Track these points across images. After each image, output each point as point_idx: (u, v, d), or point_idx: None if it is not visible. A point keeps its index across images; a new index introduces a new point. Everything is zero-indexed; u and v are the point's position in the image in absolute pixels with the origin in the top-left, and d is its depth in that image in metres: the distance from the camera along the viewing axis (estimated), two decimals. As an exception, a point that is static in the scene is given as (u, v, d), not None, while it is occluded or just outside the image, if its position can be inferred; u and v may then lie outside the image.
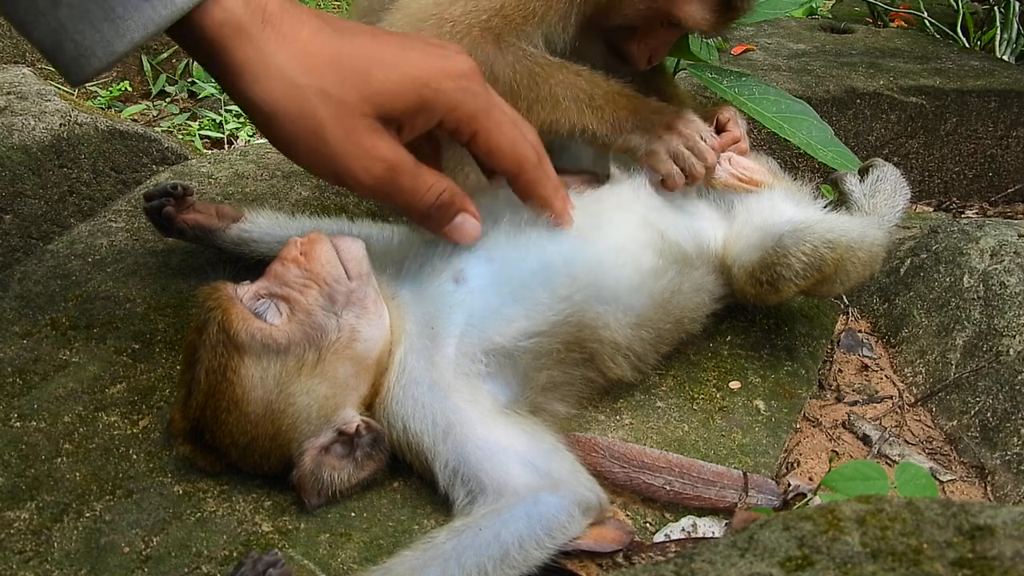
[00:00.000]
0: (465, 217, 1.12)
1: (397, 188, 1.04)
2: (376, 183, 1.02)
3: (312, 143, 0.98)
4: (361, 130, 0.99)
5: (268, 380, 1.02)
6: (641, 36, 1.40)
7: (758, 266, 1.28)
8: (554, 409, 1.18)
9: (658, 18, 1.35)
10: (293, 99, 0.96)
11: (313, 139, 0.98)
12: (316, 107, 0.96)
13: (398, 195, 1.05)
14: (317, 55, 0.97)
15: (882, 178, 1.54)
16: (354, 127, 0.99)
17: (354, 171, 1.00)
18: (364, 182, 1.01)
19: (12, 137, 1.89)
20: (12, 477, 1.11)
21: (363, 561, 1.02)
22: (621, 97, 1.32)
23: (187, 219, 1.44)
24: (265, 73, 0.95)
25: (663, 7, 1.33)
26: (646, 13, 1.34)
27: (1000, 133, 2.62)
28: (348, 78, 0.98)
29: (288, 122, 0.97)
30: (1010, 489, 1.26)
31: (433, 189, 1.07)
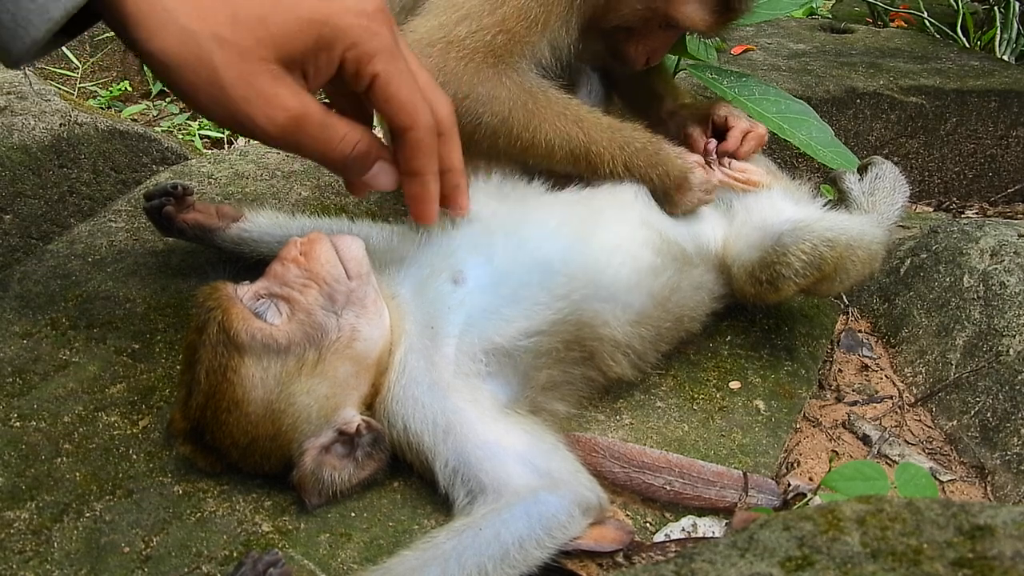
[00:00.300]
0: (382, 165, 1.06)
1: (305, 137, 0.99)
2: (280, 132, 0.97)
3: (211, 91, 0.94)
4: (261, 75, 0.95)
5: (268, 380, 1.02)
6: (639, 37, 1.40)
7: (758, 265, 1.28)
8: (554, 408, 1.18)
9: (656, 19, 1.35)
10: (187, 46, 0.92)
11: (211, 87, 0.94)
12: (211, 53, 0.93)
13: (307, 145, 1.00)
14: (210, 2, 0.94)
15: (881, 176, 1.54)
16: (253, 72, 0.94)
17: (256, 119, 0.96)
18: (268, 130, 0.97)
19: (12, 137, 1.89)
20: (12, 477, 1.11)
21: (363, 561, 1.02)
22: (621, 152, 1.30)
23: (187, 219, 1.44)
24: (157, 22, 0.92)
25: (661, 8, 1.33)
26: (643, 14, 1.34)
27: (1000, 133, 2.62)
28: (243, 22, 0.94)
29: (186, 71, 0.93)
30: (1010, 489, 1.26)
31: (347, 139, 1.02)
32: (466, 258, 1.17)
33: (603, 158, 1.29)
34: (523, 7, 1.25)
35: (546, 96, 1.28)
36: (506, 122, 1.25)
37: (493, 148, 1.29)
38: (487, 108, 1.24)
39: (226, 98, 0.94)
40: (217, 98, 0.94)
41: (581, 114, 1.30)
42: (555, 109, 1.28)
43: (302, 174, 1.84)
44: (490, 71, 1.25)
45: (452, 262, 1.17)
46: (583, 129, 1.28)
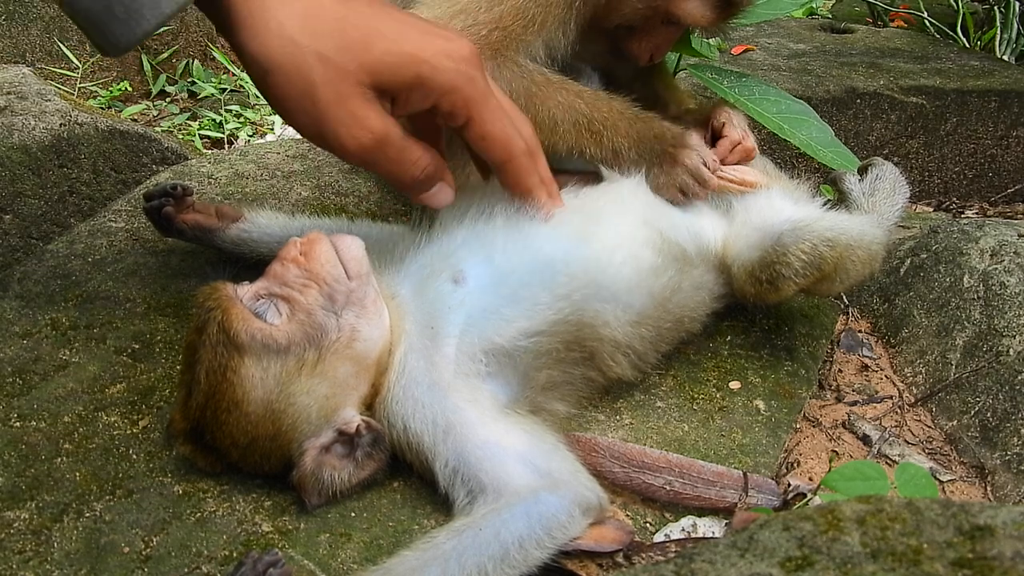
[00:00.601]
0: (442, 186, 1.14)
1: (382, 158, 1.05)
2: (361, 151, 1.02)
3: (303, 103, 0.99)
4: (354, 97, 1.00)
5: (268, 380, 1.02)
6: (641, 35, 1.40)
7: (758, 265, 1.28)
8: (554, 408, 1.18)
9: (657, 16, 1.35)
10: (290, 57, 0.97)
11: (305, 99, 0.99)
12: (312, 68, 0.97)
13: (382, 165, 1.06)
14: (319, 18, 0.99)
15: (881, 176, 1.54)
16: (347, 94, 0.99)
17: (341, 137, 1.01)
18: (349, 148, 1.02)
19: (12, 137, 1.89)
20: (12, 477, 1.11)
21: (363, 561, 1.02)
22: (622, 121, 1.32)
23: (187, 219, 1.44)
24: (265, 28, 0.96)
25: (662, 5, 1.33)
26: (645, 12, 1.34)
27: (1000, 133, 2.62)
28: (348, 45, 0.99)
29: (283, 79, 0.98)
30: (1010, 489, 1.26)
31: (419, 163, 1.08)
32: (466, 258, 1.17)
33: (606, 124, 1.30)
34: (520, 7, 1.26)
35: (545, 77, 1.30)
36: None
37: None
38: None
39: (317, 112, 0.99)
40: (308, 111, 0.99)
41: (580, 89, 1.32)
42: (555, 86, 1.30)
43: (302, 174, 1.84)
44: (488, 63, 1.25)
45: (452, 262, 1.17)
46: (584, 101, 1.30)
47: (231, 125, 3.12)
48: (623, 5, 1.34)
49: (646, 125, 1.34)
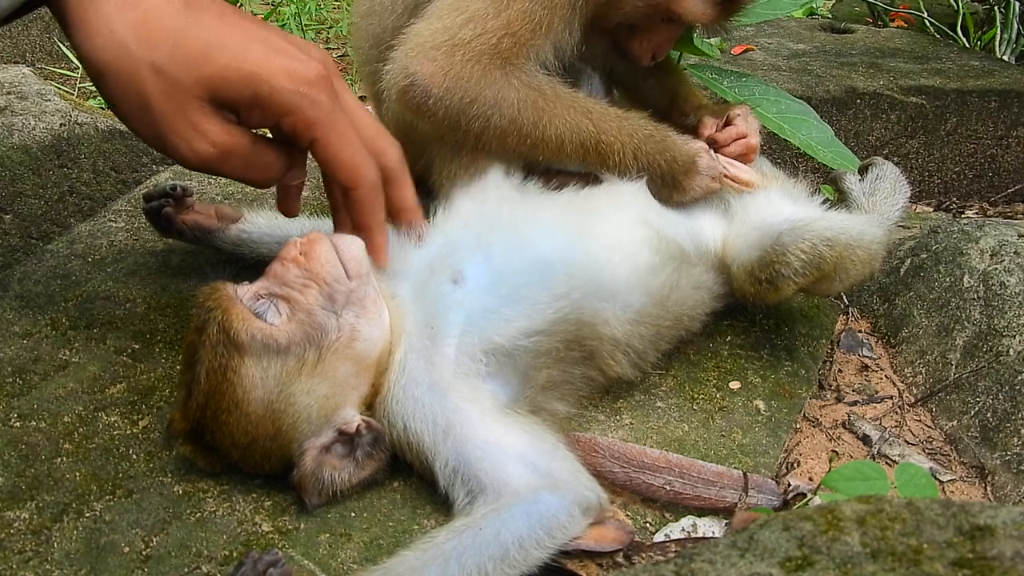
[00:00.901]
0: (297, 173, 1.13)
1: (227, 168, 1.03)
2: (200, 162, 1.01)
3: (138, 111, 0.97)
4: (191, 110, 0.97)
5: (268, 380, 1.02)
6: (642, 33, 1.40)
7: (757, 264, 1.28)
8: (554, 408, 1.18)
9: (658, 14, 1.35)
10: (124, 64, 0.94)
11: (139, 107, 0.96)
12: (145, 78, 0.95)
13: (229, 173, 1.05)
14: (156, 27, 0.95)
15: (881, 176, 1.54)
16: (183, 105, 0.97)
17: (179, 147, 0.99)
18: (188, 159, 1.00)
19: (12, 137, 1.89)
20: (12, 477, 1.11)
21: (363, 561, 1.02)
22: (631, 142, 1.30)
23: (186, 220, 1.44)
24: (98, 32, 0.94)
25: (662, 3, 1.32)
26: (645, 10, 1.34)
27: (1000, 133, 2.62)
28: (185, 57, 0.96)
29: (117, 85, 0.95)
30: (1010, 489, 1.26)
31: (272, 166, 1.06)
32: (465, 258, 1.17)
33: (613, 147, 1.29)
34: (527, 10, 1.25)
35: (554, 91, 1.29)
36: (515, 122, 1.26)
37: (502, 147, 1.29)
38: (495, 110, 1.24)
39: (153, 121, 0.97)
40: (143, 119, 0.97)
41: (589, 106, 1.30)
42: (564, 103, 1.28)
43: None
44: (497, 72, 1.24)
45: (451, 262, 1.17)
46: (592, 120, 1.29)
47: (231, 125, 3.11)
48: (623, 3, 1.33)
49: (657, 147, 1.32)
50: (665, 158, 1.32)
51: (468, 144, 1.27)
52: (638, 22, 1.37)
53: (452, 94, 1.23)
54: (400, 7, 1.40)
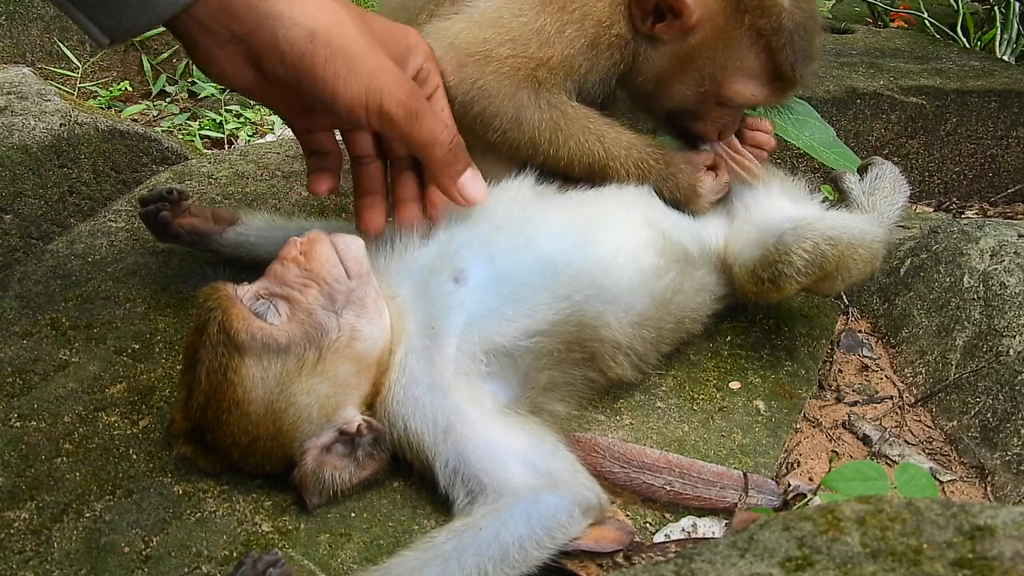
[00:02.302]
0: (476, 174, 1.14)
1: (424, 111, 1.07)
2: (408, 98, 1.04)
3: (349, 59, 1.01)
4: (387, 58, 1.05)
5: (269, 380, 1.02)
6: (702, 116, 1.38)
7: (759, 264, 1.27)
8: (554, 409, 1.18)
9: (710, 99, 1.34)
10: (334, 18, 1.01)
11: (350, 55, 1.01)
12: (353, 28, 1.02)
13: (424, 119, 1.07)
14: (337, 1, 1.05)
15: (881, 176, 1.54)
16: (382, 54, 1.05)
17: (388, 86, 1.03)
18: (397, 96, 1.03)
19: (12, 137, 1.89)
20: (12, 477, 1.11)
21: (363, 561, 1.02)
22: (635, 169, 1.31)
23: (183, 223, 1.44)
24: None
25: (711, 91, 1.31)
26: (697, 97, 1.33)
27: (1000, 133, 2.62)
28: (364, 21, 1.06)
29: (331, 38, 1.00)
30: (1010, 489, 1.26)
31: (451, 127, 1.11)
32: (467, 257, 1.17)
33: (619, 174, 1.31)
34: (570, 57, 1.26)
35: (574, 110, 1.29)
36: (532, 140, 1.27)
37: (513, 157, 1.30)
38: (515, 126, 1.26)
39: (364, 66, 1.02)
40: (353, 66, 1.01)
41: (603, 129, 1.31)
42: (580, 124, 1.29)
43: (302, 174, 1.84)
44: (525, 93, 1.25)
45: (453, 261, 1.17)
46: (603, 145, 1.30)
47: (231, 125, 3.11)
48: (673, 93, 1.33)
49: (661, 175, 1.33)
50: (668, 186, 1.34)
51: (479, 147, 1.27)
52: (694, 108, 1.36)
53: (475, 104, 1.24)
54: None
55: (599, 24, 1.27)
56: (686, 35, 1.28)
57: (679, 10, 1.25)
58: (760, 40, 1.27)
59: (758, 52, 1.28)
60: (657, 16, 1.28)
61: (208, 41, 1.00)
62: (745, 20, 1.26)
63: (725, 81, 1.30)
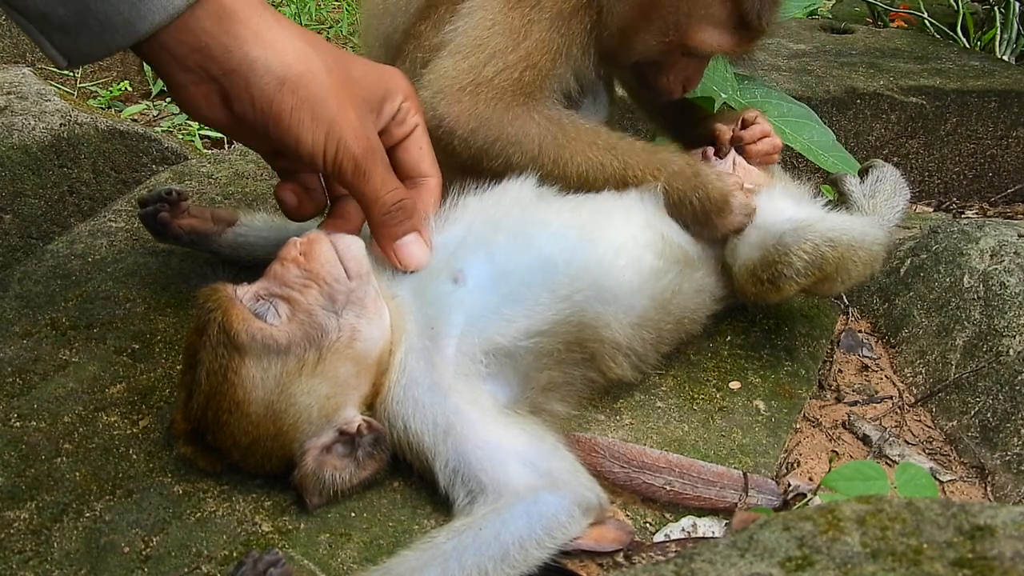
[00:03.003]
0: (417, 238, 1.15)
1: (374, 168, 1.08)
2: (362, 152, 1.06)
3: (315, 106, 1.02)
4: (355, 106, 1.06)
5: (269, 380, 1.02)
6: (667, 69, 1.36)
7: (759, 264, 1.27)
8: (554, 409, 1.18)
9: (676, 50, 1.32)
10: (304, 63, 1.02)
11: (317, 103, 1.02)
12: (323, 74, 1.03)
13: (371, 176, 1.08)
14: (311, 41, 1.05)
15: (882, 179, 1.54)
16: (350, 102, 1.05)
17: (346, 138, 1.04)
18: (353, 150, 1.05)
19: (12, 137, 1.89)
20: (12, 477, 1.11)
21: (363, 561, 1.02)
22: (659, 173, 1.28)
23: (182, 224, 1.44)
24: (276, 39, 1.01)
25: (676, 40, 1.29)
26: (662, 47, 1.31)
27: (1000, 133, 2.62)
28: (338, 63, 1.06)
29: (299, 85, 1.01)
30: (1010, 489, 1.27)
31: (399, 190, 1.12)
32: (466, 257, 1.17)
33: (642, 182, 1.28)
34: (545, 39, 1.25)
35: (575, 127, 1.28)
36: (536, 160, 1.26)
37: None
38: (516, 148, 1.25)
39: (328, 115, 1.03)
40: (319, 114, 1.03)
41: (613, 141, 1.29)
42: (586, 139, 1.28)
43: (302, 174, 1.84)
44: (519, 109, 1.25)
45: (452, 261, 1.17)
46: (617, 156, 1.28)
47: (231, 125, 3.11)
48: (637, 44, 1.31)
49: (688, 183, 1.29)
50: (698, 195, 1.29)
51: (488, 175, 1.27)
52: (658, 59, 1.34)
53: (476, 134, 1.24)
54: (412, 8, 1.40)
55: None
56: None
57: None
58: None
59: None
60: None
61: (184, 79, 1.01)
62: None
63: (690, 30, 1.28)
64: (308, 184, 1.18)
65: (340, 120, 1.03)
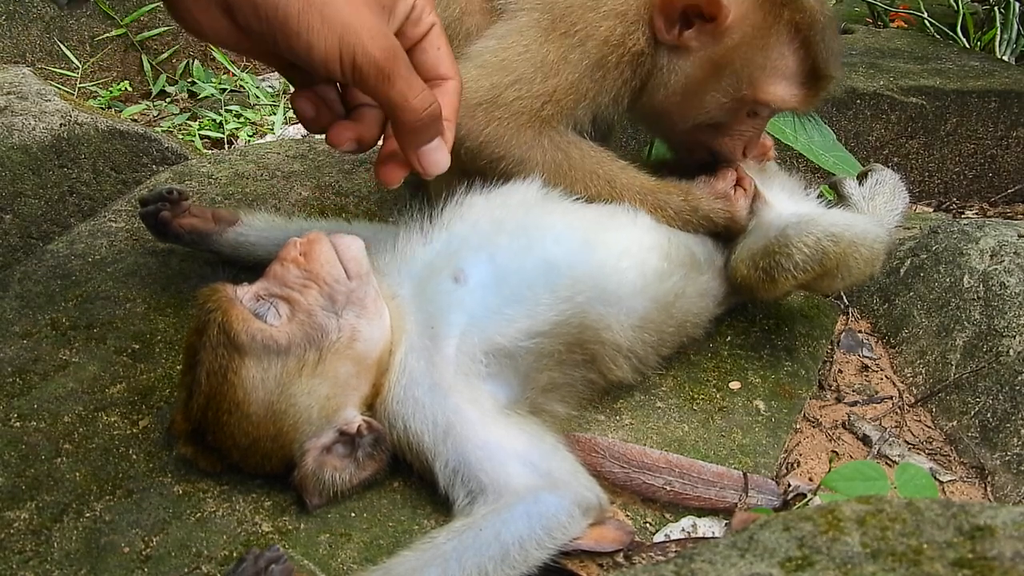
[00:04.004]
0: (441, 144, 1.07)
1: (397, 72, 1.00)
2: (383, 55, 0.98)
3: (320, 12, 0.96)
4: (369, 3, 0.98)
5: (269, 381, 1.02)
6: (728, 129, 1.34)
7: (759, 253, 1.27)
8: (554, 410, 1.18)
9: (743, 108, 1.30)
10: None
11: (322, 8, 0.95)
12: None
13: (396, 80, 1.00)
14: None
15: (881, 182, 1.54)
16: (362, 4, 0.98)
17: (364, 43, 0.97)
18: (372, 54, 0.98)
19: (12, 137, 1.89)
20: (12, 477, 1.11)
21: (363, 561, 1.02)
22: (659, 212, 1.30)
23: (183, 224, 1.44)
24: None
25: (748, 96, 1.27)
26: (730, 105, 1.29)
27: (1000, 133, 2.62)
28: None
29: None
30: (1010, 489, 1.26)
31: (426, 94, 1.03)
32: (469, 257, 1.17)
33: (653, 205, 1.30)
34: (576, 82, 1.25)
35: (580, 155, 1.28)
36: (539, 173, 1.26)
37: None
38: (520, 168, 1.26)
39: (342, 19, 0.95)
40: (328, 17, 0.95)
41: (614, 173, 1.29)
42: (588, 168, 1.28)
43: (302, 174, 1.84)
44: (529, 132, 1.25)
45: (453, 261, 1.17)
46: (615, 191, 1.28)
47: (231, 125, 3.11)
48: (704, 102, 1.28)
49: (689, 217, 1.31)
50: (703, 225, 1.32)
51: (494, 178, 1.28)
52: (722, 120, 1.32)
53: (484, 149, 1.25)
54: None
55: (605, 43, 1.24)
56: (718, 39, 1.24)
57: (712, 13, 1.21)
58: (798, 36, 1.24)
59: (796, 49, 1.25)
60: (684, 23, 1.24)
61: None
62: (784, 15, 1.22)
63: (762, 83, 1.25)
64: (325, 94, 1.10)
65: (354, 22, 0.96)
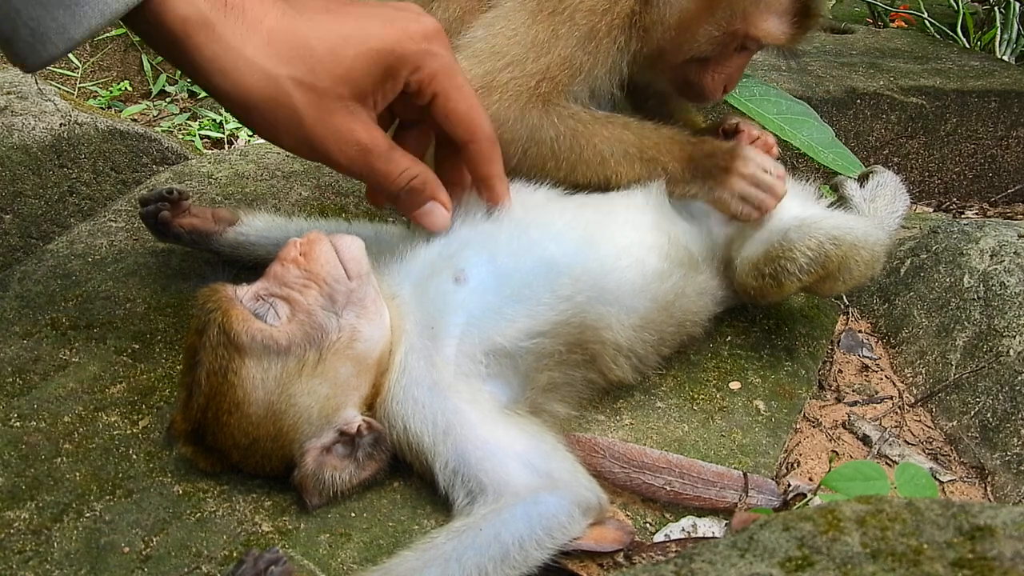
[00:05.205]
0: (435, 205, 1.15)
1: (370, 169, 1.08)
2: (350, 163, 1.06)
3: (290, 128, 1.01)
4: (337, 113, 1.02)
5: (269, 381, 1.02)
6: (714, 65, 1.36)
7: (762, 259, 1.27)
8: (554, 410, 1.18)
9: (734, 42, 1.32)
10: (268, 89, 0.98)
11: (291, 124, 1.01)
12: (291, 95, 0.99)
13: (371, 175, 1.09)
14: (284, 42, 0.99)
15: (882, 184, 1.55)
16: (330, 111, 1.02)
17: (331, 152, 1.04)
18: (340, 162, 1.05)
19: (12, 137, 1.89)
20: (12, 477, 1.11)
21: (363, 561, 1.02)
22: (674, 145, 1.31)
23: (183, 223, 1.44)
24: (235, 66, 0.96)
25: (740, 29, 1.30)
26: (721, 39, 1.31)
27: (1000, 133, 2.63)
28: (319, 63, 0.99)
29: (266, 111, 0.99)
30: (1010, 489, 1.27)
31: (405, 173, 1.10)
32: (468, 257, 1.17)
33: (659, 151, 1.30)
34: (568, 56, 1.25)
35: (590, 115, 1.29)
36: (553, 151, 1.28)
37: (540, 173, 1.30)
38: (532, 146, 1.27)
39: (305, 134, 1.02)
40: (296, 135, 1.02)
41: (626, 121, 1.31)
42: (600, 122, 1.29)
43: (302, 174, 1.84)
44: (534, 112, 1.26)
45: (454, 261, 1.17)
46: (632, 131, 1.30)
47: (231, 125, 3.11)
48: (698, 35, 1.30)
49: (696, 147, 1.32)
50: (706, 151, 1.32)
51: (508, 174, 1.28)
52: (711, 54, 1.34)
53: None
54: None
55: (592, 12, 1.26)
56: None
57: None
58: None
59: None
60: None
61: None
62: None
63: (754, 18, 1.29)
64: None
65: (319, 135, 1.02)
